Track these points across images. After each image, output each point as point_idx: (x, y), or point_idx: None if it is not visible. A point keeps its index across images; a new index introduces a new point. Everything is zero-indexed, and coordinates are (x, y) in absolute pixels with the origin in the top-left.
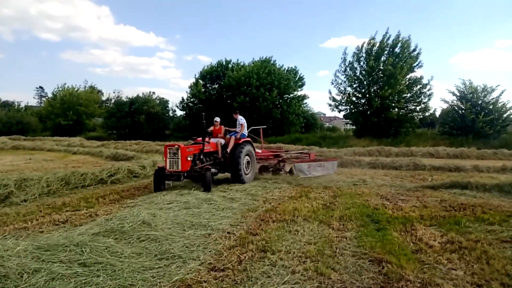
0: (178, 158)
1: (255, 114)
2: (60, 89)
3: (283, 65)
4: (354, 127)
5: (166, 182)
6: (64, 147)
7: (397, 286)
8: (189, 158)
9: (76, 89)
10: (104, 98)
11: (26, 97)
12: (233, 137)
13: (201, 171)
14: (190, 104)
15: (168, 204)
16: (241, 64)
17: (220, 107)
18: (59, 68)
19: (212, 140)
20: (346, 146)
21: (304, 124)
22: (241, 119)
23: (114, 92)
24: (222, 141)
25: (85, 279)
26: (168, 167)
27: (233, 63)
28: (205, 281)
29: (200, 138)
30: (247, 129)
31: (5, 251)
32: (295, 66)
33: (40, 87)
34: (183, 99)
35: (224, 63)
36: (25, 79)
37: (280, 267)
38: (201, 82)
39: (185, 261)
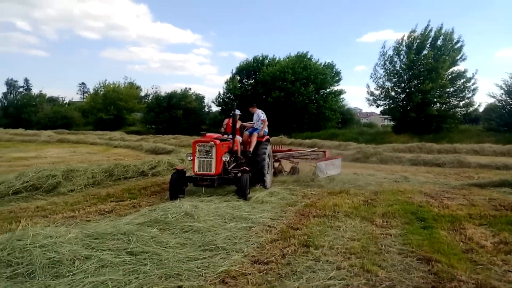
0: (212, 158)
1: (290, 109)
2: (101, 85)
3: (318, 59)
4: (392, 123)
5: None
6: (106, 140)
7: (450, 287)
8: (224, 158)
9: (117, 85)
10: (142, 94)
11: (69, 93)
12: (255, 134)
13: (237, 173)
14: (226, 99)
15: (208, 196)
16: (277, 59)
17: (255, 103)
18: (100, 65)
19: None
20: (385, 142)
21: (340, 119)
22: (261, 114)
23: (152, 88)
24: (240, 138)
25: (133, 267)
26: (196, 168)
27: (269, 59)
28: (249, 274)
29: (211, 134)
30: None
31: (58, 238)
32: (332, 61)
33: (83, 83)
34: (219, 94)
35: (260, 59)
36: (68, 76)
37: (325, 263)
38: (237, 77)
39: (229, 253)
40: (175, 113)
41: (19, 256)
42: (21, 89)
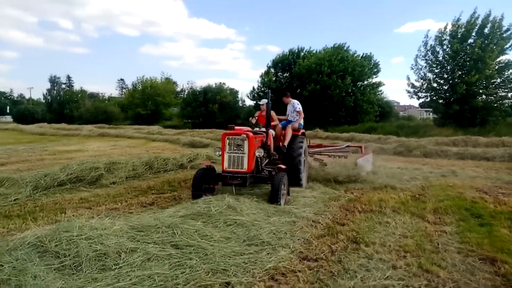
0: (244, 153)
1: (327, 102)
2: (140, 80)
3: (356, 51)
4: (432, 116)
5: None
6: (144, 134)
7: None
8: (257, 153)
9: (154, 80)
10: (178, 89)
11: (108, 89)
12: (290, 126)
13: (272, 171)
14: (261, 93)
15: (250, 190)
16: (313, 51)
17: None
18: (137, 61)
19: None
20: (427, 135)
21: (379, 112)
22: (297, 104)
23: (188, 83)
24: (273, 132)
25: (178, 261)
26: (226, 165)
27: (305, 51)
28: (299, 271)
29: (240, 127)
30: None
31: (103, 230)
32: (370, 52)
33: (121, 79)
34: (254, 88)
35: (296, 51)
36: (107, 72)
37: (378, 261)
38: (273, 70)
39: (275, 248)
40: (210, 108)
41: (66, 248)
42: (63, 86)
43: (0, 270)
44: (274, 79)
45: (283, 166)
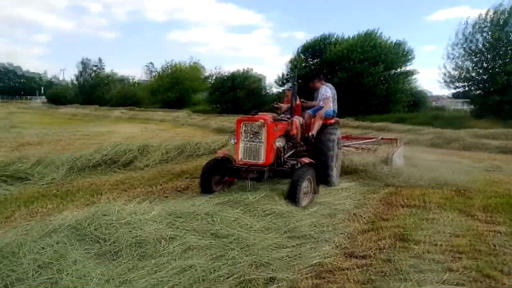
0: (261, 142)
1: (358, 90)
2: (169, 64)
3: (389, 37)
4: (466, 106)
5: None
6: (174, 118)
7: None
8: (277, 143)
9: (183, 65)
10: (206, 75)
11: (136, 72)
12: (319, 114)
13: (295, 164)
14: (289, 80)
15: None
16: (345, 38)
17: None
18: (165, 46)
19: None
20: (463, 127)
21: (412, 102)
22: (329, 89)
23: (215, 69)
24: (301, 119)
25: (220, 252)
26: (241, 155)
27: (336, 37)
28: (347, 269)
29: (263, 114)
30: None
31: (142, 215)
32: (403, 39)
33: (151, 63)
34: (283, 75)
35: (327, 37)
36: (136, 56)
37: (431, 262)
38: (302, 56)
39: (318, 242)
40: (238, 94)
41: (106, 233)
42: (94, 68)
43: (42, 253)
44: (303, 65)
45: (307, 160)
